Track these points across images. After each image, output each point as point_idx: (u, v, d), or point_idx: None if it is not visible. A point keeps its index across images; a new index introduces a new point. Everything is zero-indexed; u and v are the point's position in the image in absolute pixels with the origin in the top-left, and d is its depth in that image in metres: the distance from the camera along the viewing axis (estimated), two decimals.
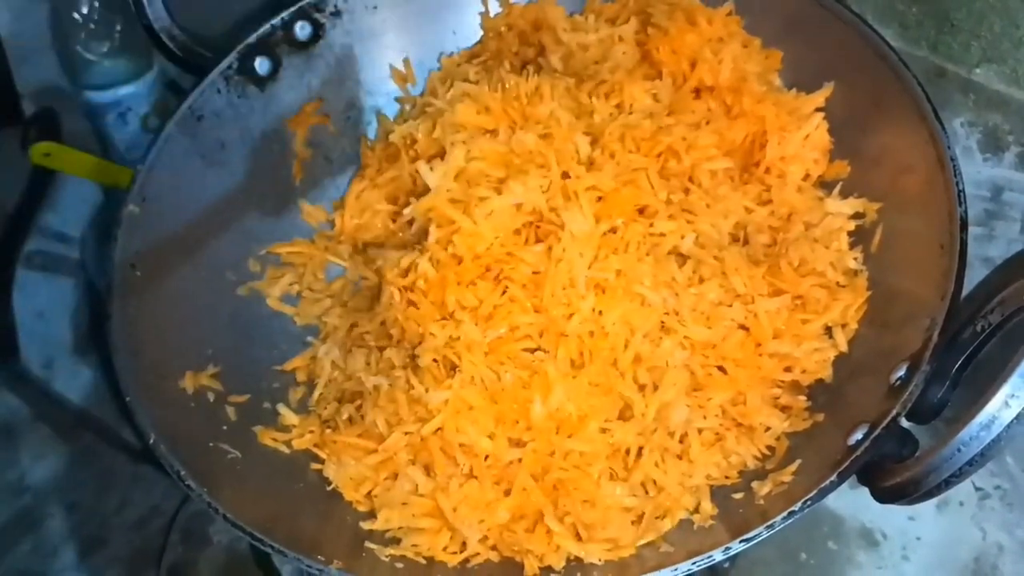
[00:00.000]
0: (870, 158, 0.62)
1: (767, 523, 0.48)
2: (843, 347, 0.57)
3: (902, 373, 0.51)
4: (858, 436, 0.50)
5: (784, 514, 0.48)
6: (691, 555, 0.48)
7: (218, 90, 0.66)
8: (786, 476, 0.53)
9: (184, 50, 0.70)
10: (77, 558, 0.81)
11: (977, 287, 0.52)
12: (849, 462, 0.49)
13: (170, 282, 0.62)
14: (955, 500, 0.75)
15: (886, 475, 0.50)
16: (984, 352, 0.51)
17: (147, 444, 0.53)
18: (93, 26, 0.78)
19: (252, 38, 0.67)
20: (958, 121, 0.72)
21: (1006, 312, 0.50)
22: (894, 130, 0.60)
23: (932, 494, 0.48)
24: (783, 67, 0.66)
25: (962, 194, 0.53)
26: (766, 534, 0.48)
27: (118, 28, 0.79)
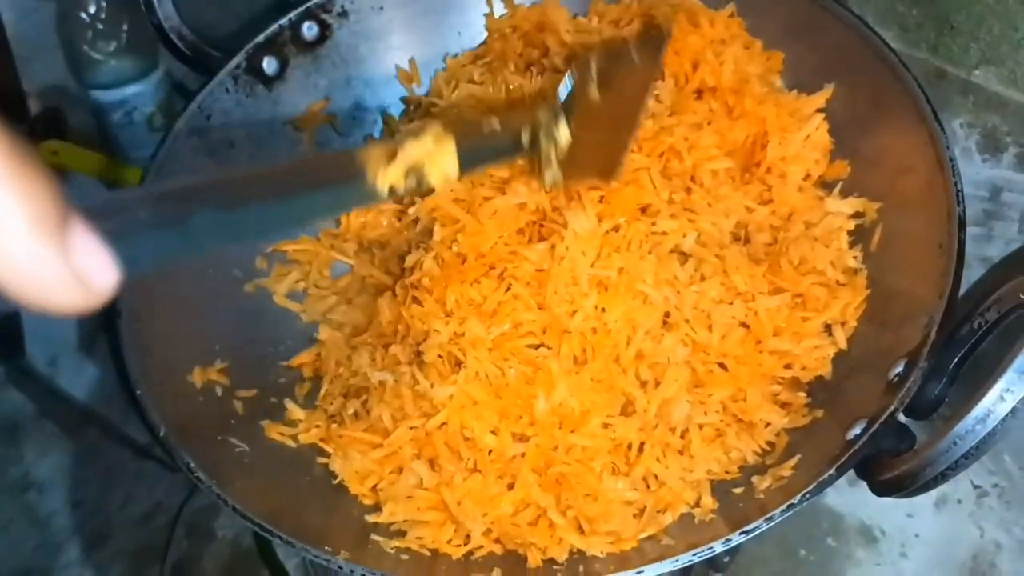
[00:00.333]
0: (870, 158, 0.62)
1: (766, 516, 0.49)
2: (842, 344, 0.58)
3: (900, 369, 0.51)
4: (856, 431, 0.51)
5: (783, 507, 0.49)
6: (691, 547, 0.49)
7: (226, 89, 0.67)
8: (785, 471, 0.53)
9: (193, 50, 0.71)
10: (82, 554, 0.82)
11: (974, 285, 0.53)
12: (847, 456, 0.49)
13: (178, 279, 0.62)
14: (953, 498, 0.76)
15: (883, 469, 0.51)
16: (981, 348, 0.52)
17: (157, 437, 0.54)
18: (100, 26, 0.79)
19: (260, 38, 0.68)
20: (957, 122, 0.72)
21: (1002, 310, 0.51)
22: (894, 131, 0.60)
23: (928, 487, 0.48)
24: (784, 68, 0.67)
25: (961, 194, 0.54)
26: (765, 527, 0.49)
27: (124, 28, 0.80)
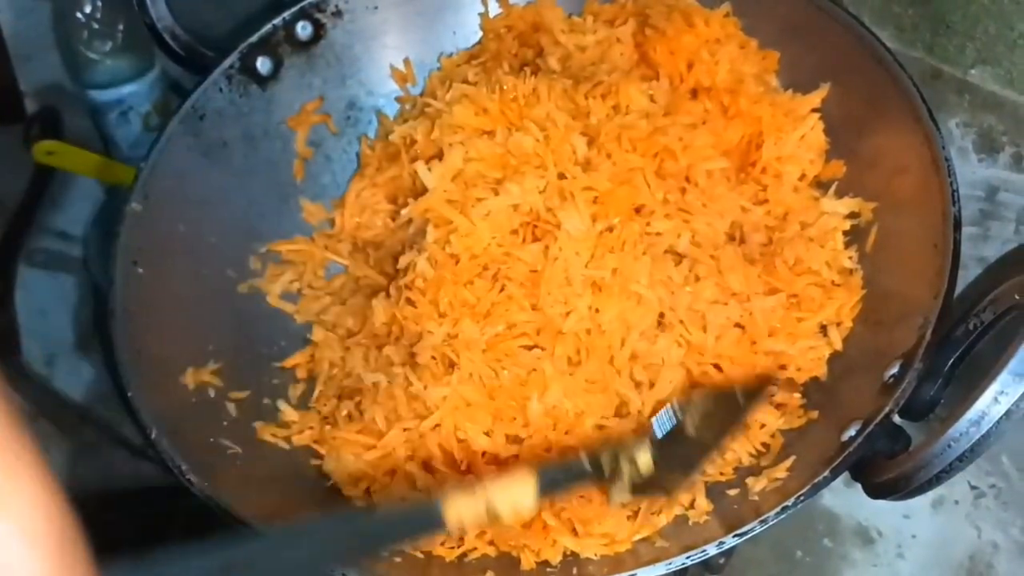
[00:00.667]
0: (866, 158, 0.62)
1: (760, 518, 0.48)
2: (838, 345, 0.58)
3: (895, 371, 0.51)
4: (851, 432, 0.51)
5: (777, 509, 0.48)
6: (685, 549, 0.49)
7: (220, 89, 0.67)
8: (780, 472, 0.53)
9: (186, 49, 0.71)
10: None
11: (969, 286, 0.53)
12: (842, 458, 0.49)
13: (172, 279, 0.62)
14: (950, 499, 0.76)
15: (878, 471, 0.50)
16: (976, 350, 0.52)
17: (148, 439, 0.54)
18: (96, 25, 0.79)
19: (254, 38, 0.68)
20: (953, 122, 0.72)
21: (998, 311, 0.51)
22: (890, 131, 0.60)
23: (923, 489, 0.48)
24: (780, 68, 0.67)
25: (956, 194, 0.54)
26: (759, 528, 0.48)
27: (120, 27, 0.79)
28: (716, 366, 0.58)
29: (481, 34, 0.73)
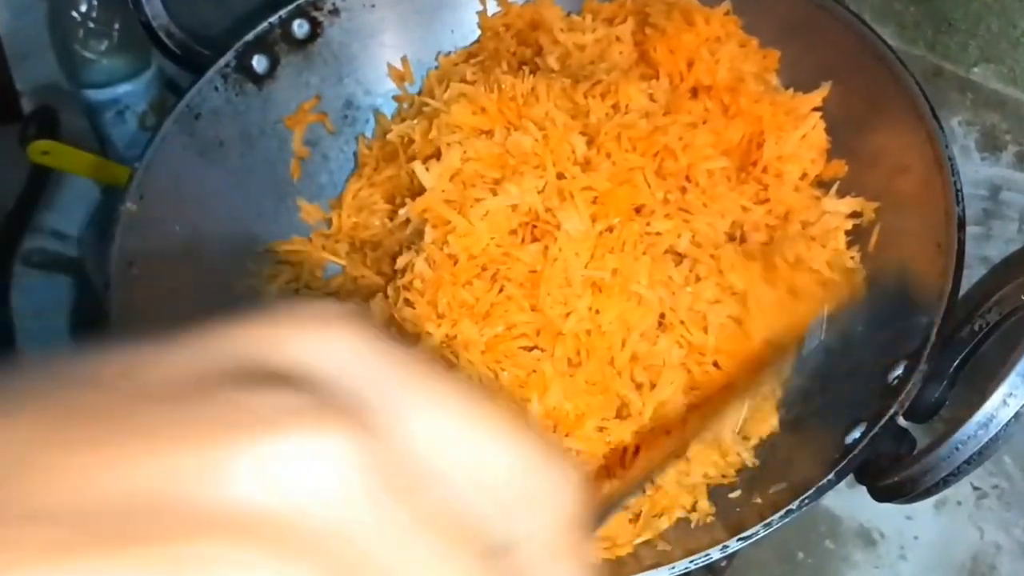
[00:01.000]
0: (867, 157, 0.62)
1: (764, 521, 0.48)
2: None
3: (899, 372, 0.51)
4: (855, 435, 0.50)
5: (782, 512, 0.48)
6: (688, 553, 0.48)
7: (216, 88, 0.66)
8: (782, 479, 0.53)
9: (182, 48, 0.70)
10: None
11: (975, 286, 0.52)
12: (846, 461, 0.49)
13: (168, 280, 0.62)
14: (953, 500, 0.75)
15: (883, 474, 0.50)
16: (982, 351, 0.51)
17: None
18: (92, 24, 0.78)
19: (250, 36, 0.67)
20: (956, 120, 0.72)
21: (1004, 311, 0.50)
22: (891, 129, 0.60)
23: (930, 493, 0.48)
24: (781, 67, 0.66)
25: (960, 193, 0.54)
26: (763, 532, 0.48)
27: (116, 26, 0.79)
28: (715, 364, 0.57)
29: (479, 32, 0.73)
